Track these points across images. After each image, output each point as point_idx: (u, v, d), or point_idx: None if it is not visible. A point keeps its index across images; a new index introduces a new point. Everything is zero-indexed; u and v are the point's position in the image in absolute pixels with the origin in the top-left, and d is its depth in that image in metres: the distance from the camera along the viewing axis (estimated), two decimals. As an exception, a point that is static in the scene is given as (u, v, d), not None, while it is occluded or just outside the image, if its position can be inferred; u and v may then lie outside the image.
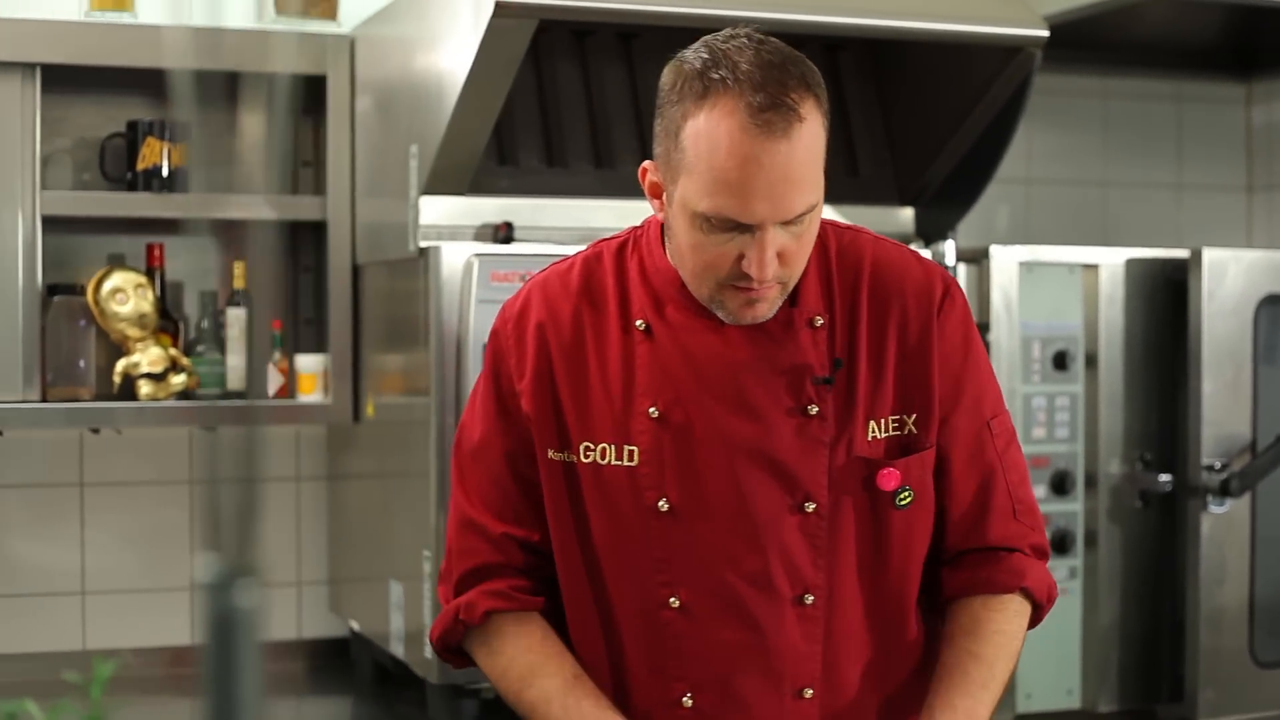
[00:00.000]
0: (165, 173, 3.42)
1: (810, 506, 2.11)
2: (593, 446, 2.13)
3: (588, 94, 3.36)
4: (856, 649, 2.17)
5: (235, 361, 3.45)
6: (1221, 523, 3.52)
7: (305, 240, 3.66)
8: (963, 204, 3.54)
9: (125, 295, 3.38)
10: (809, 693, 2.14)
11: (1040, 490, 3.50)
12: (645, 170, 2.11)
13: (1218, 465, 3.50)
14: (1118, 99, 4.48)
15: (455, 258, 3.02)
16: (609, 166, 3.36)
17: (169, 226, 3.52)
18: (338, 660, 3.70)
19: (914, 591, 2.22)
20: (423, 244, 3.09)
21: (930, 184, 3.55)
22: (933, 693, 2.15)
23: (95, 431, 3.54)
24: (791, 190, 1.96)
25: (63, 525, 3.60)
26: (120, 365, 3.39)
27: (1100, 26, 3.71)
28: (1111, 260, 3.55)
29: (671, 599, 2.12)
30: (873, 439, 2.13)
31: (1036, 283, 3.50)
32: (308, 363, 3.49)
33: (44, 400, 3.35)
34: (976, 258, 3.47)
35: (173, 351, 3.42)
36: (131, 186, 3.43)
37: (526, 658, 2.18)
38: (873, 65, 3.61)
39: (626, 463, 2.11)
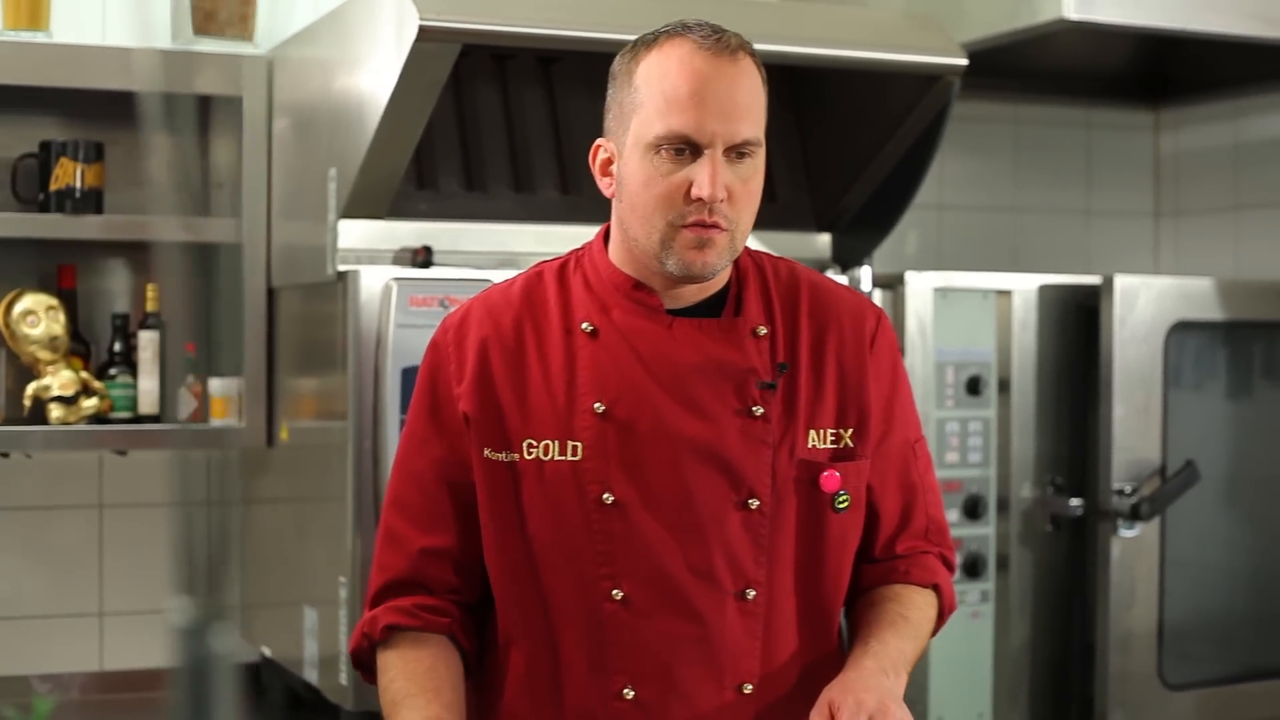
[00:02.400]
0: (78, 193, 3.37)
1: (754, 503, 2.17)
2: (535, 443, 2.17)
3: (507, 118, 3.35)
4: (791, 647, 2.23)
5: (148, 385, 3.42)
6: (1131, 547, 3.56)
7: (218, 262, 3.63)
8: (879, 230, 3.56)
9: (36, 318, 3.34)
10: (748, 688, 2.19)
11: (953, 514, 3.52)
12: (596, 149, 2.22)
13: (1128, 490, 3.54)
14: (1028, 125, 4.53)
15: (374, 281, 3.01)
16: (529, 191, 3.35)
17: (81, 248, 3.48)
18: (248, 687, 3.66)
19: (842, 599, 2.30)
20: (341, 268, 3.07)
21: (847, 210, 3.57)
22: (864, 633, 2.24)
23: (5, 455, 3.48)
24: (739, 111, 2.09)
25: (-30, 550, 3.55)
26: (31, 388, 3.34)
27: (1013, 55, 3.75)
28: (1024, 286, 3.59)
29: (614, 591, 2.15)
30: (813, 446, 2.22)
31: (951, 308, 3.53)
32: (221, 386, 3.46)
33: (-47, 423, 3.30)
34: (892, 283, 3.50)
35: (84, 375, 3.38)
36: (44, 208, 3.39)
37: (402, 684, 2.19)
38: (790, 91, 3.62)
39: (570, 458, 2.16)
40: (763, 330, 2.21)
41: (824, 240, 3.62)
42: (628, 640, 2.17)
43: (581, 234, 3.33)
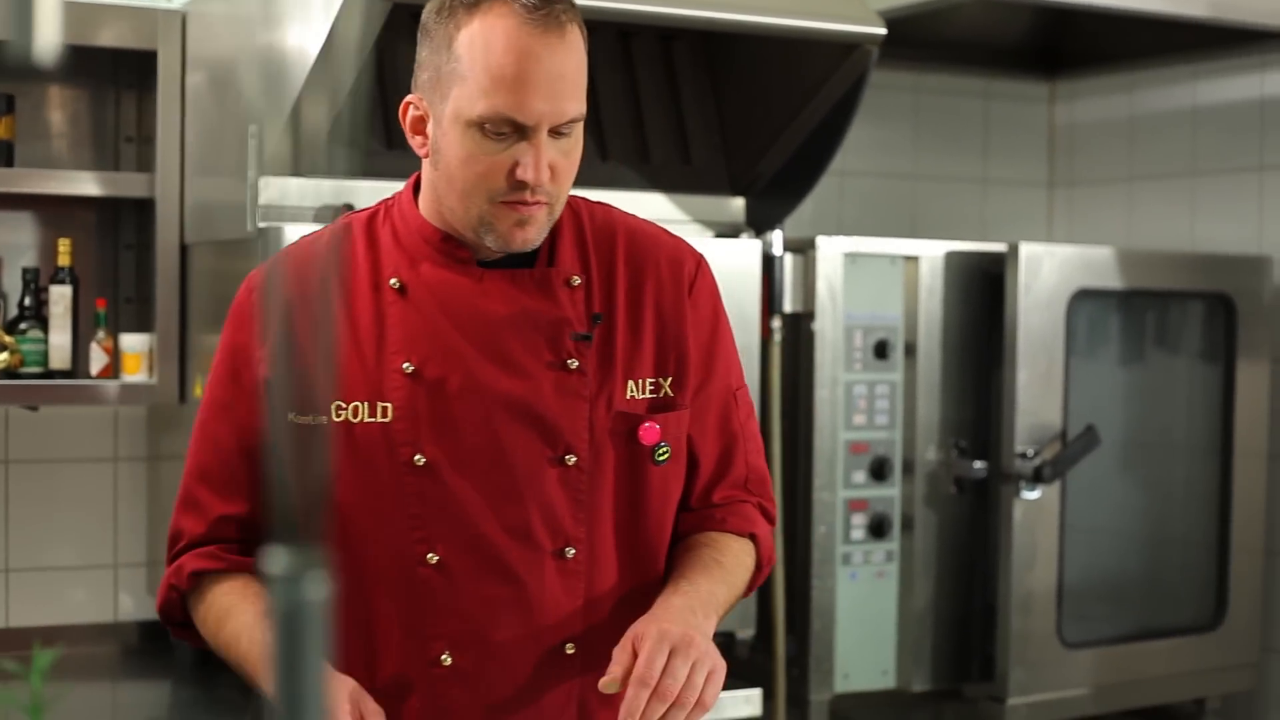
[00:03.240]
0: (-12, 145, 3.33)
1: (571, 459, 2.12)
2: (344, 405, 2.09)
3: (427, 77, 3.35)
4: (614, 604, 2.18)
5: (59, 340, 3.38)
6: (1033, 509, 3.64)
7: (128, 217, 3.60)
8: (794, 196, 3.60)
9: (-56, 270, 3.29)
10: (570, 648, 2.15)
11: (860, 476, 3.58)
12: (406, 105, 2.12)
13: (1030, 453, 3.62)
14: (928, 94, 4.59)
15: (296, 238, 2.99)
16: (447, 150, 3.35)
17: (-9, 200, 3.43)
18: (156, 644, 3.65)
19: (665, 551, 2.25)
20: (261, 224, 3.06)
21: (763, 175, 3.60)
22: (675, 575, 2.18)
23: (-88, 410, 3.44)
24: (566, 90, 2.03)
25: None
26: (-60, 342, 3.30)
27: (914, 25, 3.80)
28: (931, 252, 3.65)
29: (429, 555, 2.09)
30: (631, 397, 2.17)
31: (860, 273, 3.58)
32: (133, 342, 3.43)
33: None
34: (803, 248, 3.54)
35: (-6, 329, 3.35)
36: (-46, 159, 3.34)
37: (225, 599, 2.14)
38: (707, 56, 3.65)
39: (380, 419, 2.09)
40: (577, 280, 2.15)
41: (738, 204, 3.65)
42: (443, 605, 2.11)
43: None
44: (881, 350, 3.61)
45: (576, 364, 2.13)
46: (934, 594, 3.68)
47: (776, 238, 3.51)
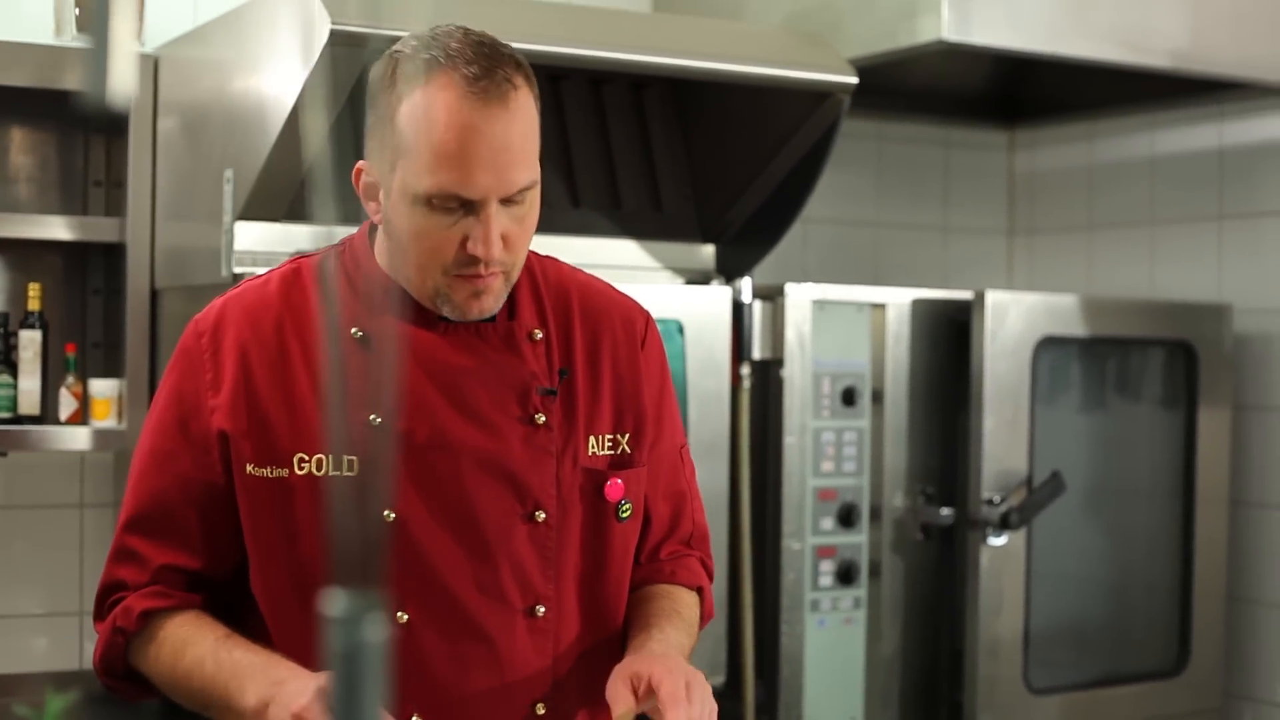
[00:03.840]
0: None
1: (540, 516, 2.10)
2: (308, 458, 2.04)
3: (401, 123, 3.35)
4: (577, 662, 2.15)
5: (28, 385, 3.36)
6: (999, 555, 3.65)
7: (96, 262, 3.59)
8: (764, 244, 3.62)
9: (-87, 314, 3.27)
10: (541, 708, 2.12)
11: (828, 522, 3.59)
12: (359, 171, 2.09)
13: (996, 499, 3.63)
14: (890, 142, 4.62)
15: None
16: (420, 196, 3.35)
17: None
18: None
19: (623, 608, 2.23)
20: (237, 269, 3.05)
21: (733, 223, 3.62)
22: (642, 624, 2.16)
23: (-121, 455, 3.41)
24: (513, 161, 1.97)
25: None
26: (-92, 387, 3.27)
27: (877, 74, 3.83)
28: (898, 300, 3.67)
29: (398, 614, 2.04)
30: (593, 454, 2.16)
31: (828, 320, 3.59)
32: (102, 387, 3.41)
33: None
34: (772, 295, 3.56)
35: (-38, 374, 3.32)
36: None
37: (180, 631, 2.06)
38: (678, 104, 3.67)
39: (346, 473, 2.04)
40: (539, 334, 2.13)
41: (708, 251, 3.67)
42: (414, 666, 2.05)
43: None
44: (849, 397, 3.62)
45: (544, 419, 2.10)
46: (902, 640, 3.69)
47: (746, 285, 3.52)
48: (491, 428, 2.07)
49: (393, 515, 2.02)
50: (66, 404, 3.41)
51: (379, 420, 1.99)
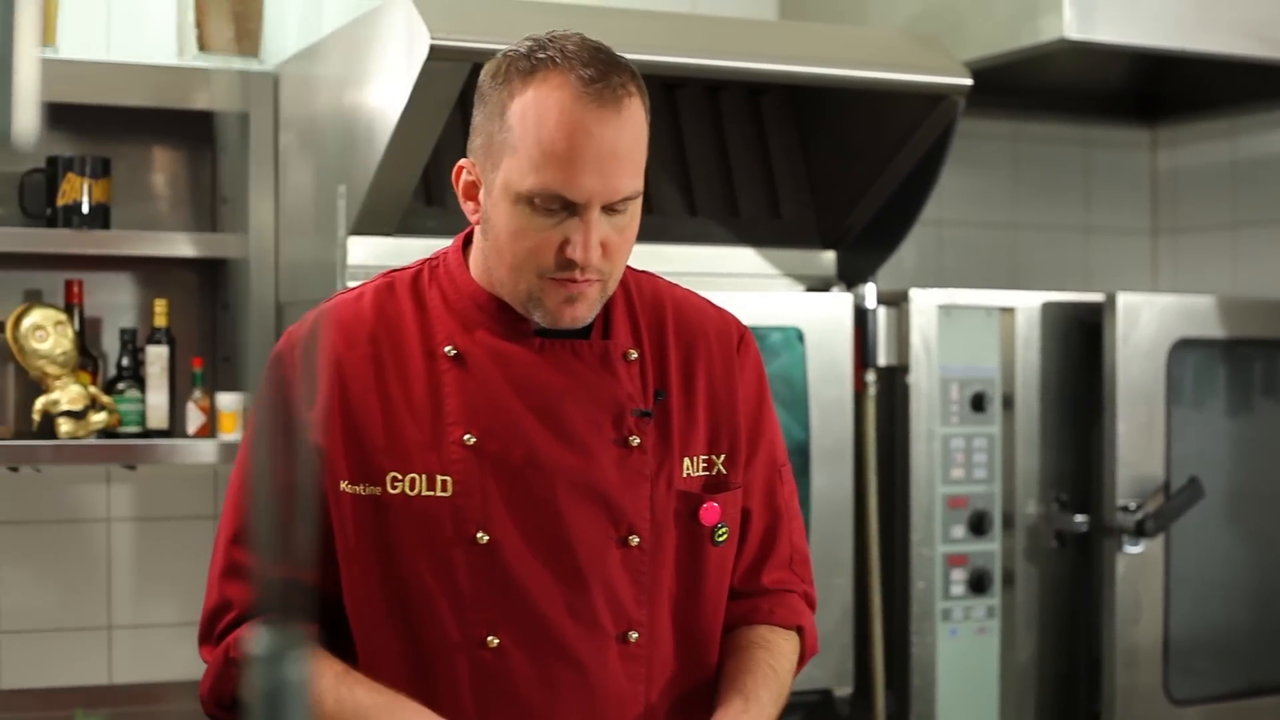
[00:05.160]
0: (85, 209, 3.38)
1: (634, 540, 2.04)
2: (401, 477, 2.01)
3: (514, 135, 3.36)
4: (670, 690, 2.10)
5: (156, 399, 3.42)
6: (1136, 563, 3.57)
7: (224, 277, 3.64)
8: (885, 248, 3.57)
9: (45, 332, 3.34)
10: None
11: (959, 530, 3.54)
12: (459, 169, 2.06)
13: (1132, 506, 3.55)
14: (1027, 143, 4.55)
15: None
16: (535, 207, 3.36)
17: (88, 263, 3.48)
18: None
19: (718, 635, 2.17)
20: (351, 284, 3.08)
21: (852, 228, 3.58)
22: (737, 683, 2.09)
23: (14, 470, 3.49)
24: (619, 167, 1.93)
25: (-23, 565, 3.55)
26: (40, 403, 3.34)
27: (1012, 73, 3.77)
28: (1028, 303, 3.60)
29: (489, 638, 2.01)
30: (688, 475, 2.10)
31: (954, 325, 3.54)
32: (228, 401, 3.46)
33: (-39, 437, 3.31)
34: (896, 300, 3.51)
35: (92, 389, 3.39)
36: (51, 222, 3.39)
37: (338, 691, 2.00)
38: (795, 110, 3.64)
39: (440, 493, 2.00)
40: (634, 354, 2.08)
41: (829, 258, 3.63)
42: (504, 691, 2.02)
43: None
44: (979, 403, 3.57)
45: (638, 441, 2.05)
46: (1037, 649, 3.62)
47: (870, 290, 3.48)
48: (585, 449, 2.03)
49: (486, 537, 2.00)
50: (194, 418, 3.46)
51: (473, 440, 2.01)
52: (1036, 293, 3.63)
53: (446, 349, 2.04)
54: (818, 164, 3.63)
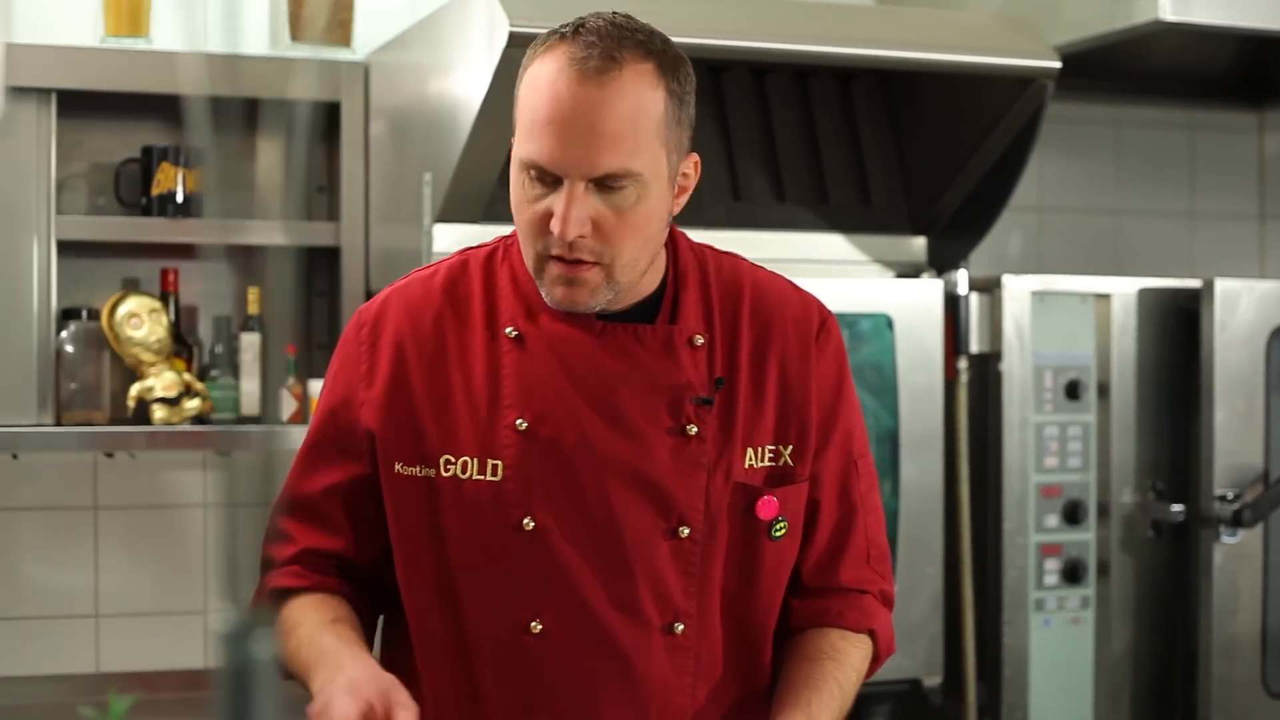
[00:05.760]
0: (180, 198, 3.43)
1: (685, 532, 2.00)
2: (454, 460, 2.00)
3: (602, 122, 3.37)
4: (720, 683, 2.07)
5: (249, 386, 3.46)
6: (1234, 553, 3.51)
7: (319, 265, 3.67)
8: (975, 233, 3.54)
9: (140, 320, 3.39)
10: None
11: (1052, 519, 3.50)
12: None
13: (1230, 495, 3.49)
14: (1130, 127, 4.48)
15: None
16: (621, 194, 3.36)
17: (183, 251, 3.53)
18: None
19: (773, 629, 2.13)
20: (435, 270, 3.10)
21: (943, 213, 3.55)
22: (792, 693, 2.04)
23: (109, 455, 3.54)
24: (599, 142, 1.89)
25: (77, 548, 3.60)
26: (134, 389, 3.39)
27: (1112, 56, 3.72)
28: (1124, 290, 3.55)
29: (533, 624, 1.99)
30: (750, 466, 2.04)
31: (1049, 312, 3.50)
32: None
33: (59, 424, 3.36)
34: (989, 287, 3.48)
35: (187, 376, 3.43)
36: (146, 211, 3.44)
37: (295, 614, 2.03)
38: (885, 95, 3.61)
39: (490, 477, 1.99)
40: (700, 340, 2.03)
41: (919, 244, 3.60)
42: (547, 677, 2.00)
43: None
44: (1073, 390, 3.52)
45: (696, 430, 2.01)
46: (1133, 641, 3.58)
47: (961, 277, 3.45)
48: (639, 437, 1.99)
49: (532, 523, 1.98)
50: (287, 404, 3.50)
51: (525, 425, 2.00)
52: (1133, 279, 3.58)
53: (508, 330, 2.03)
54: (908, 149, 3.60)
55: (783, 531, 2.07)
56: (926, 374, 3.40)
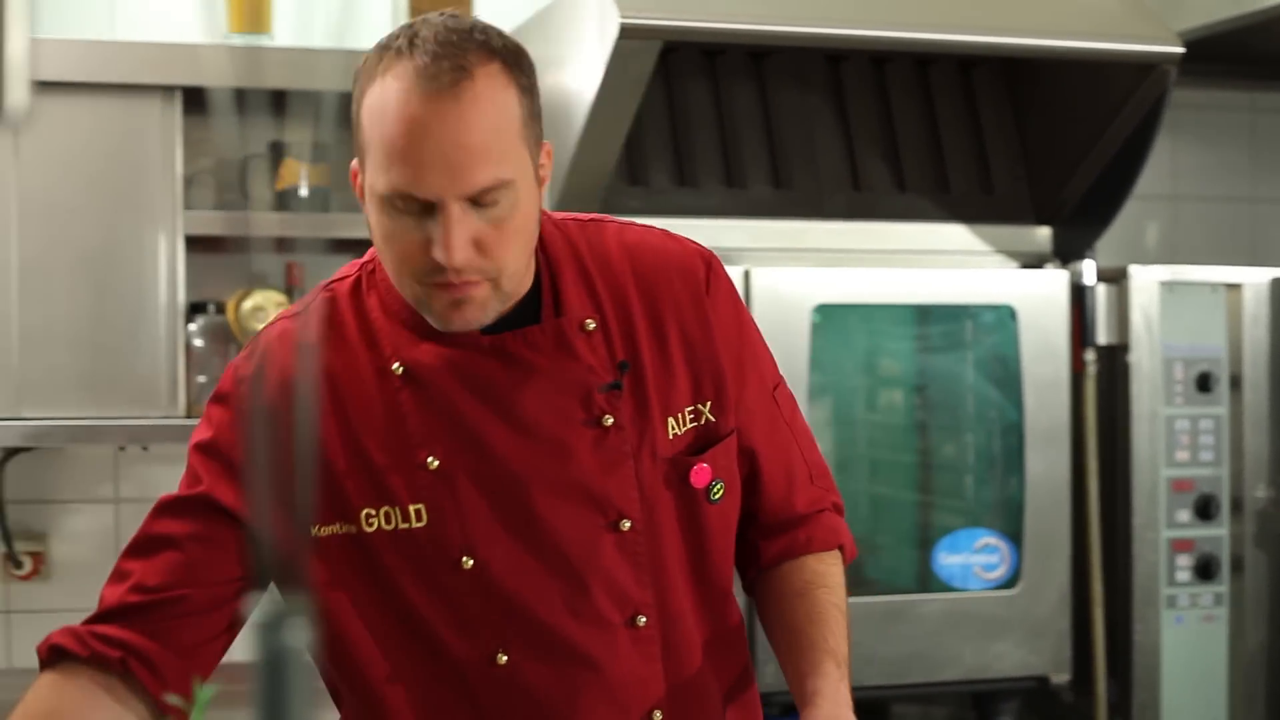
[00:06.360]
0: (304, 192, 3.46)
1: (625, 524, 1.95)
2: (374, 512, 1.91)
3: (718, 113, 3.36)
4: (694, 654, 2.04)
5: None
6: (1372, 549, 3.43)
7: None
8: (1100, 222, 3.48)
9: (265, 314, 3.43)
10: (658, 715, 2.00)
11: (1184, 514, 3.43)
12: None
13: (1368, 490, 3.41)
14: (1265, 113, 4.38)
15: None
16: (740, 186, 3.35)
17: (307, 245, 3.56)
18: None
19: (730, 573, 2.09)
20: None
21: (1067, 202, 3.50)
22: (812, 635, 2.01)
23: (234, 448, 3.59)
24: (469, 159, 1.77)
25: (204, 540, 3.65)
26: (258, 383, 3.43)
27: (1243, 40, 3.64)
28: (1255, 279, 3.48)
29: (498, 655, 1.94)
30: (674, 436, 1.99)
31: (1178, 303, 3.43)
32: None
33: (188, 417, 3.40)
34: (1116, 277, 3.42)
35: (310, 370, 3.46)
36: (271, 207, 3.48)
37: (36, 691, 1.92)
38: (1006, 82, 3.57)
39: (415, 524, 1.91)
40: (591, 324, 1.95)
41: (1044, 233, 3.55)
42: (524, 702, 1.96)
43: (795, 230, 3.35)
44: (1204, 383, 3.45)
45: (612, 420, 1.95)
46: (1268, 639, 3.50)
47: (1088, 267, 3.40)
48: (555, 443, 1.93)
49: (470, 561, 1.92)
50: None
51: (436, 463, 1.92)
52: (1264, 269, 3.50)
53: (395, 366, 1.94)
54: (1031, 136, 3.55)
55: (720, 493, 2.02)
56: (1052, 366, 3.35)
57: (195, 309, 3.45)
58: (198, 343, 3.43)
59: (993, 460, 3.44)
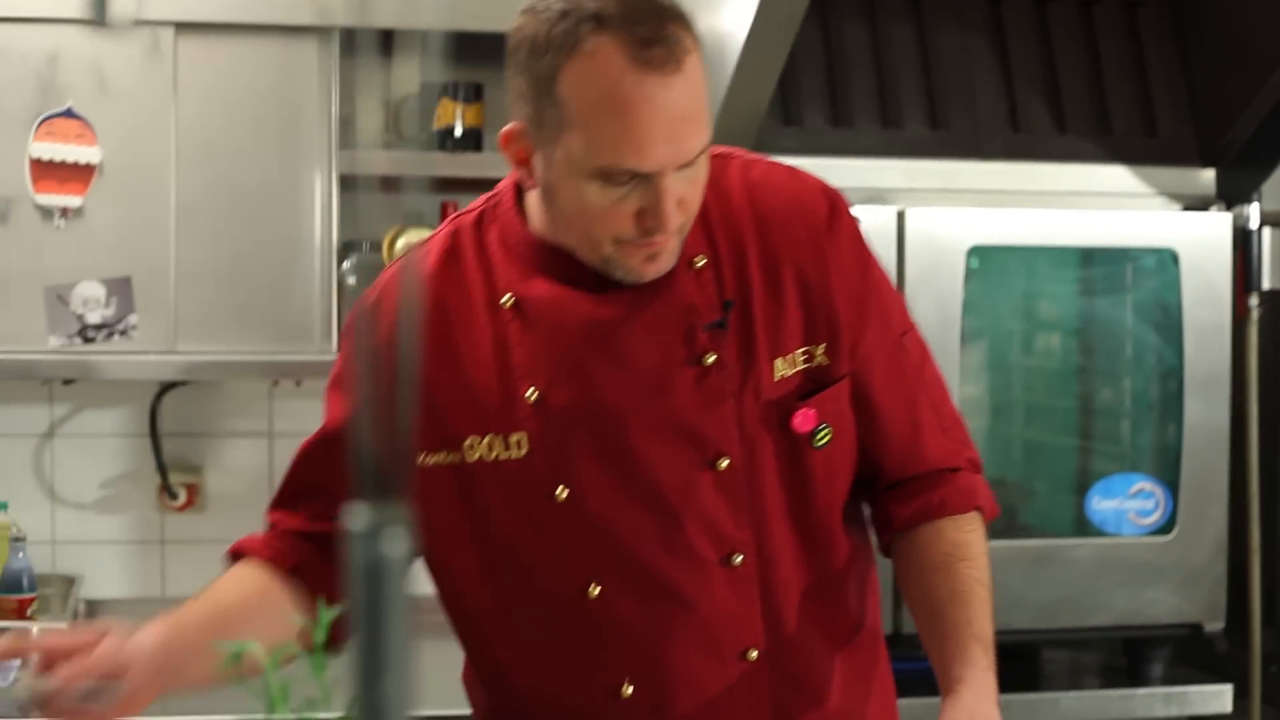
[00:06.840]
0: (458, 132, 3.48)
1: (724, 463, 1.94)
2: (478, 440, 1.94)
3: (875, 52, 3.32)
4: (796, 595, 2.01)
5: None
6: None
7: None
8: (1266, 165, 3.41)
9: (418, 253, 3.45)
10: (754, 654, 1.98)
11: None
12: (509, 136, 1.89)
13: None
14: None
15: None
16: (896, 126, 3.32)
17: (462, 185, 3.58)
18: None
19: (839, 521, 2.05)
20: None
21: (1233, 144, 3.42)
22: (956, 617, 1.98)
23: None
24: (689, 129, 1.81)
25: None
26: (412, 321, 3.45)
27: None
28: None
29: (591, 588, 1.95)
30: (781, 378, 1.96)
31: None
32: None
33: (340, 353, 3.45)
34: (1282, 221, 3.36)
35: (464, 307, 3.49)
36: (425, 146, 3.50)
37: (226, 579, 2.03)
38: (1172, 21, 3.49)
39: (515, 454, 1.94)
40: (701, 260, 1.94)
41: (1207, 176, 3.47)
42: (615, 637, 1.97)
43: (951, 170, 3.31)
44: (1374, 329, 3.38)
45: (714, 357, 1.93)
46: None
47: (1253, 210, 3.33)
48: (657, 379, 1.93)
49: (566, 492, 1.94)
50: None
51: (536, 394, 1.94)
52: None
53: (505, 300, 1.96)
54: (1196, 77, 3.47)
55: (825, 439, 1.99)
56: (1214, 311, 3.29)
57: (348, 247, 3.49)
58: (350, 280, 3.47)
59: (1150, 406, 3.39)
